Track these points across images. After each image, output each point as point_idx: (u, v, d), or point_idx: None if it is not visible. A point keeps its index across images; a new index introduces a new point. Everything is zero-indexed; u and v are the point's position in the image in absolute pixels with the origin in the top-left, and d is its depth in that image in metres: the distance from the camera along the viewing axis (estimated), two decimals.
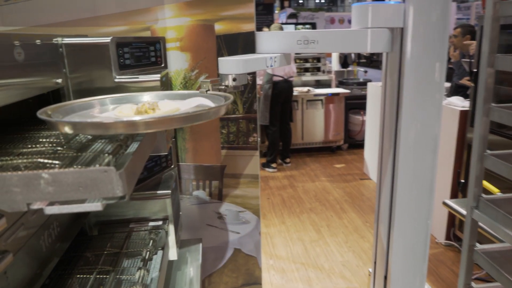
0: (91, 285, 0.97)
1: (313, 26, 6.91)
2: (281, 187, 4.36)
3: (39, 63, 0.92)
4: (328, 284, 2.63)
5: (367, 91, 4.63)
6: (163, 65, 1.29)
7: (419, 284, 1.34)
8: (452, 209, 1.99)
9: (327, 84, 5.80)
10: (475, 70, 2.64)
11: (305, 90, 5.19)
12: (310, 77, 5.76)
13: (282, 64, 1.19)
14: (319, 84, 5.78)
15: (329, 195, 4.11)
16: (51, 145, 0.83)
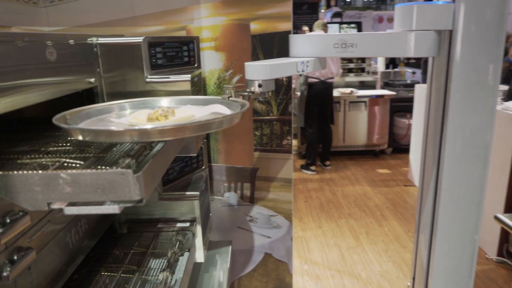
0: (116, 284, 0.98)
1: (359, 25, 6.69)
2: (319, 190, 4.26)
3: (72, 62, 0.93)
4: None
5: (414, 94, 4.41)
6: (196, 65, 1.27)
7: None
8: (505, 224, 1.82)
9: (371, 86, 5.60)
10: None
11: (348, 91, 5.04)
12: (354, 78, 5.59)
13: (316, 69, 1.12)
14: (363, 85, 5.59)
15: (369, 200, 3.96)
16: (79, 144, 0.84)
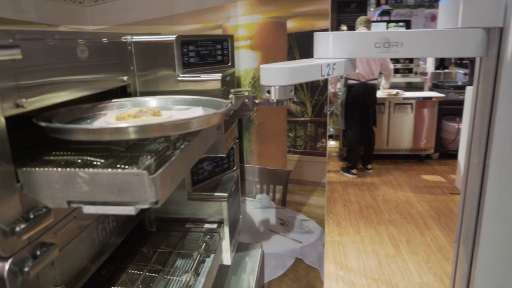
0: (141, 282, 0.98)
1: (407, 24, 6.40)
2: (359, 194, 4.13)
3: (104, 60, 0.94)
4: None
5: (465, 96, 4.15)
6: (229, 64, 1.26)
7: None
8: None
9: (419, 87, 5.35)
10: None
11: (393, 92, 4.84)
12: (400, 79, 5.37)
13: (347, 71, 1.02)
14: (410, 87, 5.35)
15: (412, 207, 3.78)
16: (107, 142, 0.84)
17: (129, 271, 1.02)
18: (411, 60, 5.30)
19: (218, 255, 1.18)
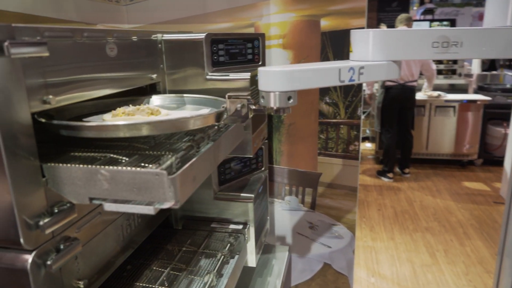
0: (163, 280, 0.98)
1: (452, 23, 6.09)
2: (395, 199, 3.98)
3: (134, 58, 0.95)
4: None
5: None
6: (260, 63, 1.23)
7: None
8: None
9: (463, 89, 5.08)
10: None
11: (435, 94, 4.63)
12: (443, 81, 5.12)
13: (390, 76, 0.89)
14: (453, 89, 5.10)
15: (451, 215, 3.59)
16: (133, 139, 0.85)
17: (153, 268, 1.03)
18: (455, 60, 5.05)
19: (243, 257, 1.17)
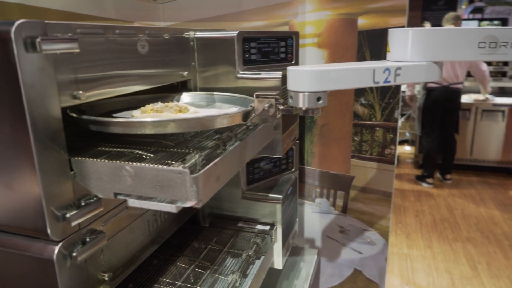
0: (188, 277, 0.98)
1: (504, 22, 5.74)
2: (434, 206, 3.81)
3: (165, 55, 0.95)
4: None
5: None
6: (293, 62, 1.21)
7: None
8: None
9: None
10: None
11: (481, 97, 4.39)
12: (492, 83, 4.83)
13: (430, 78, 0.83)
14: (502, 92, 4.80)
15: (496, 226, 3.39)
16: (161, 136, 0.85)
17: (178, 264, 1.04)
18: (505, 62, 4.76)
19: (269, 258, 1.15)
